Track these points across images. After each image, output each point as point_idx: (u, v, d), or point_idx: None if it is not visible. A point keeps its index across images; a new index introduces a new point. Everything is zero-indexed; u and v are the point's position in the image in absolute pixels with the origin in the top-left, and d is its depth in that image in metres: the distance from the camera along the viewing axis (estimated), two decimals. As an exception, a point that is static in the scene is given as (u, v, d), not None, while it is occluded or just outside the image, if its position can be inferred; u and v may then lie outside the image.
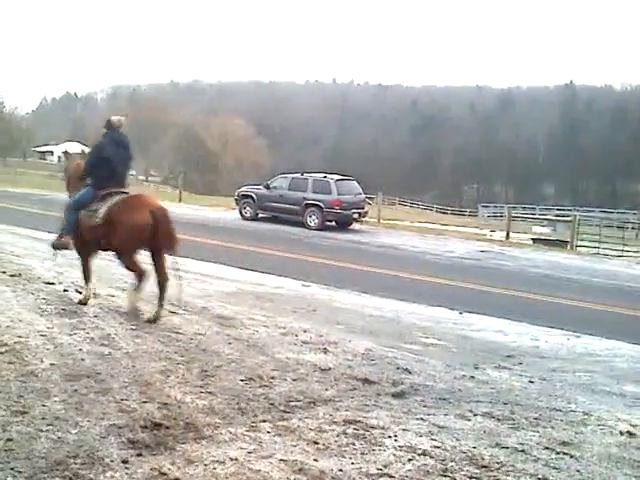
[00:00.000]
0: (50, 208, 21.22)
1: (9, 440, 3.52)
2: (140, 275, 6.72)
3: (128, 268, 6.86)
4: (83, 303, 6.96)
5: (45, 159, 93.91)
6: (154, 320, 6.51)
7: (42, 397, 4.19)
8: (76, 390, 4.39)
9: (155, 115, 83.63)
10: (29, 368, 4.74)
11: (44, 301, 7.03)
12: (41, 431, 3.68)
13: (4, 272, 8.52)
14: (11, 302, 6.84)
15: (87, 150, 8.13)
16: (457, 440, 4.09)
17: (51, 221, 17.48)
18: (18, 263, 9.43)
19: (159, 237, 6.65)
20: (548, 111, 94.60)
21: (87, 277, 7.16)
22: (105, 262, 9.06)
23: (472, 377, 5.61)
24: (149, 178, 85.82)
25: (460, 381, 5.48)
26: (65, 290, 7.72)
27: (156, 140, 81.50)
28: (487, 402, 4.93)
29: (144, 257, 7.03)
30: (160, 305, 6.68)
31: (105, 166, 6.91)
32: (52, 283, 8.05)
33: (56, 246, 7.34)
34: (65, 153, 8.98)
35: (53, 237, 7.47)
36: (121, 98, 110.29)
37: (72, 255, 7.53)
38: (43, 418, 3.86)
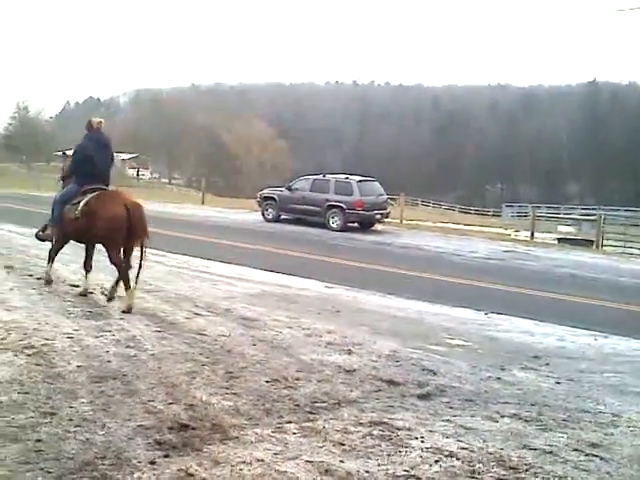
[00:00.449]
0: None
1: (38, 441, 3.57)
2: (119, 268, 7.16)
3: (111, 261, 7.26)
4: (48, 283, 7.92)
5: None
6: (109, 299, 7.31)
7: (70, 399, 4.24)
8: (103, 391, 4.43)
9: (177, 118, 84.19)
10: (56, 370, 4.79)
11: (70, 303, 7.12)
12: (69, 432, 3.72)
13: (30, 275, 8.64)
14: (38, 305, 6.94)
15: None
16: (484, 442, 4.05)
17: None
18: (43, 266, 9.53)
19: (132, 229, 7.09)
20: (571, 109, 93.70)
21: (52, 259, 8.01)
22: (167, 268, 9.15)
23: (498, 378, 5.56)
24: (172, 181, 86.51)
25: (486, 382, 5.44)
26: (90, 292, 7.79)
27: (178, 143, 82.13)
28: (514, 403, 4.88)
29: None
30: (115, 284, 7.29)
31: (88, 164, 7.47)
32: (77, 286, 8.13)
33: (40, 237, 8.17)
34: (64, 155, 9.94)
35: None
36: (143, 102, 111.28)
37: (97, 258, 7.62)
38: (71, 419, 3.90)
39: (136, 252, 7.31)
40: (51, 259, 7.93)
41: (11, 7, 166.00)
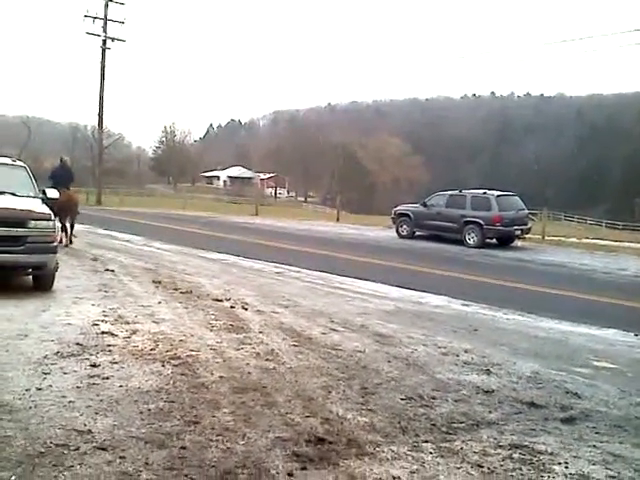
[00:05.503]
0: (218, 230, 22.56)
1: (183, 448, 3.73)
2: (64, 228, 14.24)
3: (61, 223, 13.65)
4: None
5: (212, 183, 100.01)
6: (66, 245, 13.87)
7: (212, 408, 4.42)
8: (244, 402, 4.58)
9: (313, 138, 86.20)
10: (200, 380, 5.02)
11: (213, 317, 7.45)
12: (212, 441, 3.86)
13: (177, 289, 9.14)
14: (183, 318, 7.32)
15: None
16: (636, 471, 3.78)
17: (217, 241, 18.56)
18: (189, 281, 10.07)
19: (70, 210, 14.18)
20: None
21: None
22: (304, 283, 9.45)
23: (651, 404, 5.17)
24: (307, 199, 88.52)
25: (637, 408, 5.06)
26: (232, 307, 8.12)
27: (314, 162, 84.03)
28: (669, 432, 4.51)
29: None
30: (65, 235, 14.33)
31: (57, 178, 14.43)
32: (220, 300, 8.50)
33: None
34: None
35: (220, 256, 8.01)
36: (281, 123, 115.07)
37: (239, 274, 7.98)
38: (213, 428, 4.06)
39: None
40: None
41: (157, 32, 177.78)
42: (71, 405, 4.33)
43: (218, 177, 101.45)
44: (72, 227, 14.73)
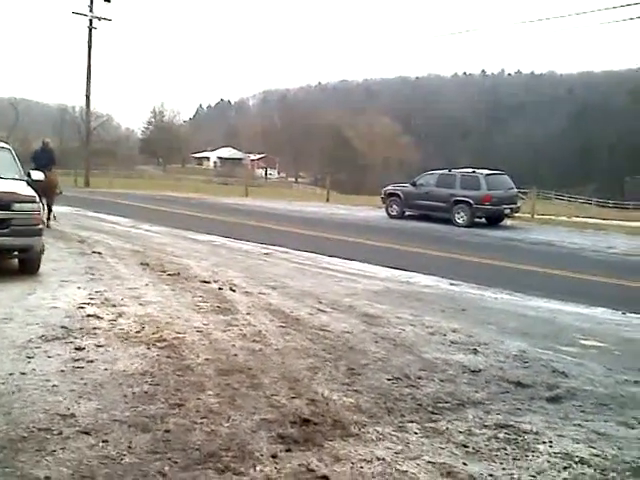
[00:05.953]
0: (208, 211, 22.47)
1: (167, 431, 3.71)
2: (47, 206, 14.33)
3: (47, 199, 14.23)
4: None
5: (202, 164, 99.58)
6: (47, 225, 13.29)
7: (197, 391, 4.40)
8: (229, 384, 4.56)
9: (303, 118, 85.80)
10: (186, 362, 5.00)
11: (200, 299, 7.42)
12: (196, 424, 3.85)
13: (164, 271, 9.09)
14: (170, 300, 7.29)
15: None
16: (619, 449, 3.79)
17: (206, 223, 18.50)
18: (177, 263, 10.03)
19: (49, 190, 13.93)
20: None
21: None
22: (292, 264, 9.45)
23: (636, 382, 5.19)
24: (298, 179, 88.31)
25: (623, 386, 5.09)
26: (220, 288, 8.09)
27: (304, 142, 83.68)
28: (655, 410, 4.54)
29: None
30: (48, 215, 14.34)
31: (38, 160, 14.55)
32: (208, 282, 8.47)
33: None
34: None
35: (209, 238, 7.95)
36: (271, 102, 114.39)
37: (228, 255, 7.94)
38: (198, 411, 4.04)
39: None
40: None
41: (144, 13, 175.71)
42: (55, 389, 4.30)
43: (208, 158, 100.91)
44: (50, 209, 14.85)
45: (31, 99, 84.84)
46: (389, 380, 4.90)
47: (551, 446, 3.81)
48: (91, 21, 39.19)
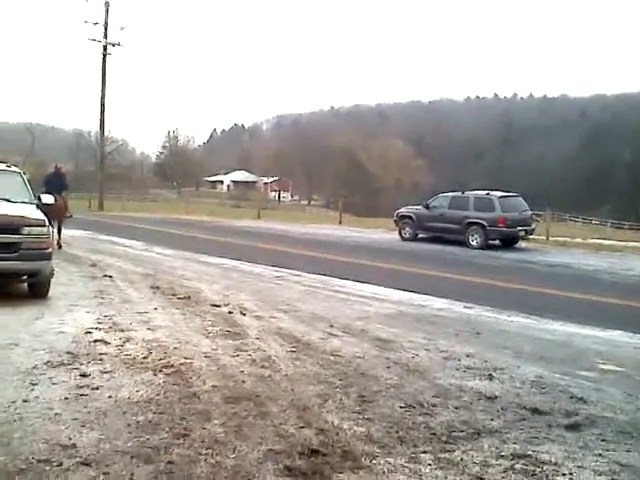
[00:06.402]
0: (220, 234, 22.43)
1: (170, 463, 3.57)
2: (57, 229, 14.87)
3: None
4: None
5: (215, 188, 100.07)
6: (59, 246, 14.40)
7: (203, 420, 4.25)
8: (236, 413, 4.42)
9: (316, 142, 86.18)
10: (192, 390, 4.86)
11: (210, 323, 7.31)
12: (200, 455, 3.70)
13: (175, 295, 9.00)
14: (180, 324, 7.18)
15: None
16: (644, 483, 3.61)
17: (218, 246, 18.43)
18: (188, 286, 9.94)
19: (59, 213, 14.25)
20: None
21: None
22: (304, 287, 9.34)
23: (659, 409, 5.00)
24: (311, 202, 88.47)
25: (645, 413, 4.90)
26: (230, 312, 7.97)
27: (317, 166, 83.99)
28: (679, 439, 4.34)
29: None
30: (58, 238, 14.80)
31: (50, 184, 14.59)
32: (218, 305, 8.36)
33: None
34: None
35: (220, 261, 7.85)
36: (285, 127, 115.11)
37: (239, 278, 7.84)
38: (203, 441, 3.89)
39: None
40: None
41: (160, 38, 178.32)
42: (57, 418, 4.18)
43: (222, 181, 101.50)
44: (59, 232, 15.18)
45: (47, 124, 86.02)
46: (402, 408, 4.74)
47: (571, 478, 3.63)
48: (105, 47, 39.75)
